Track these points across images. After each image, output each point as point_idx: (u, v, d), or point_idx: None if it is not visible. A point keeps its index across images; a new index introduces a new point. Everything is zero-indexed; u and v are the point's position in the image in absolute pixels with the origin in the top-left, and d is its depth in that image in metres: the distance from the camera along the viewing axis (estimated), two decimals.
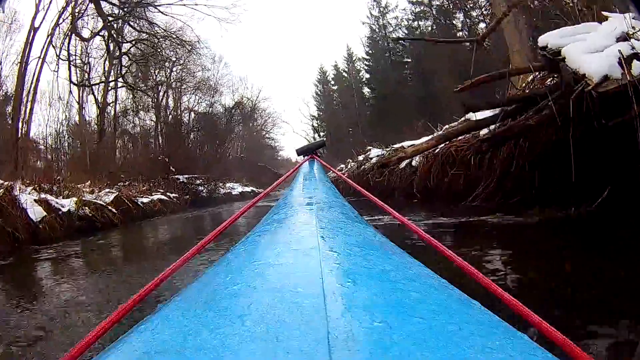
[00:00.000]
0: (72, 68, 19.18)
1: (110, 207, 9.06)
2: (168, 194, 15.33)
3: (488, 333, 0.39)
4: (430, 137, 3.16)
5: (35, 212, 7.27)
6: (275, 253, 0.63)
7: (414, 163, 6.67)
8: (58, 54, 17.44)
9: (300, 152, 2.38)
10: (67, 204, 8.35)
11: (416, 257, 0.66)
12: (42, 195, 8.09)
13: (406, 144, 6.66)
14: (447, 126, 6.64)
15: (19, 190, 8.17)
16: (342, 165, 14.01)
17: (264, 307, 0.40)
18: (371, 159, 9.08)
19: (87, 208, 8.33)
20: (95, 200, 8.85)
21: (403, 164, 6.97)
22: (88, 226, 8.24)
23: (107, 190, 10.54)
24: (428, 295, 0.48)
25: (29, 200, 7.43)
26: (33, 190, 8.60)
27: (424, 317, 0.38)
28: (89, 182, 12.03)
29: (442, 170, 5.26)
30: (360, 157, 10.41)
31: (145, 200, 11.98)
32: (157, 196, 13.60)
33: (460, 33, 26.03)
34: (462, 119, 6.60)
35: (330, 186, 1.57)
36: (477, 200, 4.61)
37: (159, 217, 12.03)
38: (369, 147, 10.73)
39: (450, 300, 0.47)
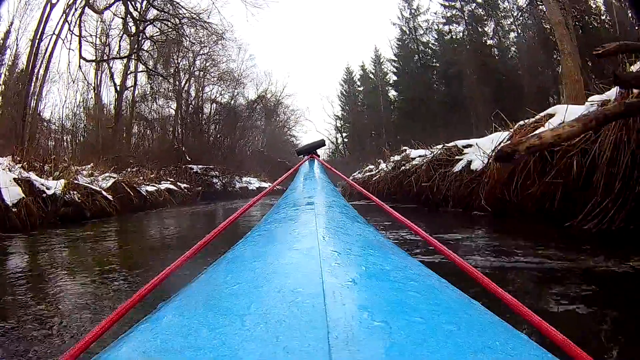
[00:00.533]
0: (86, 44, 18.49)
1: (105, 194, 7.87)
2: (178, 183, 14.13)
3: (488, 333, 0.39)
4: (574, 118, 2.07)
5: (11, 194, 6.12)
6: (275, 253, 0.63)
7: (474, 166, 5.23)
8: (71, 29, 16.62)
9: (300, 151, 2.28)
10: (54, 186, 7.19)
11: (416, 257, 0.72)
12: (25, 174, 6.94)
13: (489, 138, 5.10)
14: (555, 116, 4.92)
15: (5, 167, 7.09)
16: (372, 166, 12.57)
17: (264, 306, 0.39)
18: (413, 159, 7.62)
19: (76, 192, 7.13)
20: (88, 185, 7.66)
21: (459, 166, 5.55)
22: (75, 214, 7.03)
23: (107, 174, 9.38)
24: (428, 295, 0.47)
25: (5, 179, 6.29)
26: (21, 168, 7.52)
27: (424, 317, 0.38)
28: (92, 164, 10.96)
29: (528, 176, 3.78)
30: (396, 157, 8.92)
31: (150, 188, 10.76)
32: (165, 185, 12.39)
33: (491, 41, 26.46)
34: (542, 114, 5.11)
35: (330, 186, 1.50)
36: (591, 223, 3.15)
37: (163, 208, 10.78)
38: (405, 147, 9.31)
39: (450, 300, 0.47)
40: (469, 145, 5.93)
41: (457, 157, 5.88)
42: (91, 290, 2.46)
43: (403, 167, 7.72)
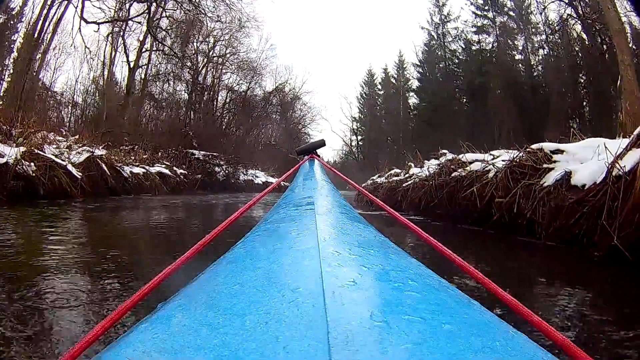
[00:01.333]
0: (100, 13, 17.42)
1: (72, 169, 6.40)
2: (175, 168, 12.67)
3: (488, 333, 0.39)
4: None
5: None
6: (275, 253, 0.62)
7: (579, 180, 3.55)
8: None
9: (300, 151, 2.22)
10: (9, 153, 5.73)
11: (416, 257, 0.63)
12: None
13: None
14: None
15: None
16: (397, 170, 10.98)
17: (264, 306, 0.39)
18: (470, 163, 5.80)
19: (32, 164, 5.67)
20: (51, 156, 6.19)
21: (551, 179, 3.88)
22: (27, 190, 5.58)
23: (83, 148, 7.90)
24: (428, 295, 0.46)
25: None
26: None
27: (424, 317, 0.38)
28: (77, 136, 9.54)
29: None
30: (440, 160, 7.01)
31: (137, 170, 9.28)
32: (157, 168, 10.90)
33: (519, 56, 25.53)
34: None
35: (331, 186, 1.47)
36: None
37: (148, 194, 9.25)
38: (444, 151, 7.67)
39: (450, 300, 0.46)
40: (559, 151, 4.28)
41: (545, 166, 4.22)
42: None
43: (456, 174, 5.85)
